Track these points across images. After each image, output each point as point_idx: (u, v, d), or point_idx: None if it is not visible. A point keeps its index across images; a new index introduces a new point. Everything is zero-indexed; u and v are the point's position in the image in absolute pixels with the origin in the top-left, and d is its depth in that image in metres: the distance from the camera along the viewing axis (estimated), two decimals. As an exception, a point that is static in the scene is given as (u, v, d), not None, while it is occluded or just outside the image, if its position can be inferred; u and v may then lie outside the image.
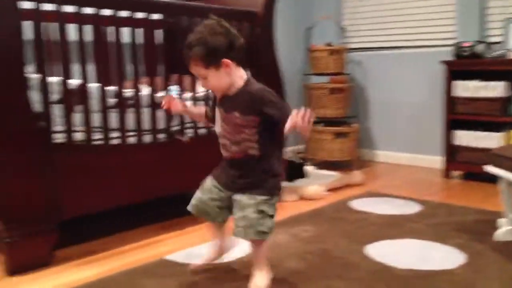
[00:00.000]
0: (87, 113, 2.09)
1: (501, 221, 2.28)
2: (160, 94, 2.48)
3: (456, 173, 3.65)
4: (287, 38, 4.26)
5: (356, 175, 3.40)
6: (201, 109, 1.92)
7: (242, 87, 1.66)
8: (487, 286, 1.75)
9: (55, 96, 2.01)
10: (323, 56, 3.96)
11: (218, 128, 1.74)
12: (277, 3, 2.86)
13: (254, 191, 1.68)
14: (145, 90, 2.43)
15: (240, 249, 2.08)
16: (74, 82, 2.11)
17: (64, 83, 2.02)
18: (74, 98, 2.07)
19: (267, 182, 1.69)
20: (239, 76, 1.67)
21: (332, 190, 3.18)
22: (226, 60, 1.61)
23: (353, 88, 4.19)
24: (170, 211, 2.71)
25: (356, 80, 4.33)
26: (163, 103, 1.83)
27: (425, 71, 3.92)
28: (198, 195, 1.83)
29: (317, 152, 3.91)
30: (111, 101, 2.21)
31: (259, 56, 2.81)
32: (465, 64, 3.46)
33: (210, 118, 1.83)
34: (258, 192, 1.68)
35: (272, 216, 1.70)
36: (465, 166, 3.50)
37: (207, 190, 1.80)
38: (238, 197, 1.71)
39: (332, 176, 3.38)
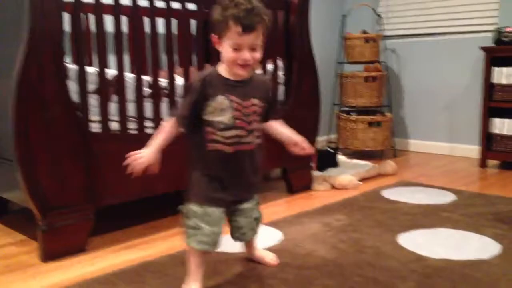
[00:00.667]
0: (122, 103, 2.14)
1: (540, 211, 2.22)
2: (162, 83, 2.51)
3: (493, 162, 3.56)
4: (322, 26, 4.23)
5: (389, 165, 3.36)
6: (166, 133, 1.60)
7: (253, 72, 1.60)
8: (524, 278, 1.72)
9: (92, 86, 2.07)
10: (358, 44, 3.91)
11: (226, 120, 1.53)
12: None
13: (257, 191, 1.73)
14: (179, 80, 2.47)
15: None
16: (111, 72, 2.17)
17: (100, 74, 2.08)
18: (110, 88, 2.13)
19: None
20: None
21: (365, 179, 3.16)
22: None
23: (388, 76, 4.13)
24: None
25: (391, 69, 4.26)
26: (129, 167, 1.58)
27: (462, 58, 3.83)
28: (208, 230, 1.56)
29: (350, 142, 3.88)
30: (146, 91, 2.25)
31: (294, 45, 2.81)
32: (506, 50, 3.36)
33: (181, 122, 1.57)
34: (257, 191, 1.74)
35: None
36: (503, 155, 3.41)
37: (217, 220, 1.58)
38: (244, 205, 1.68)
39: (365, 165, 3.36)
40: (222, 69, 1.55)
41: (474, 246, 2.01)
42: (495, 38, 3.39)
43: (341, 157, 3.54)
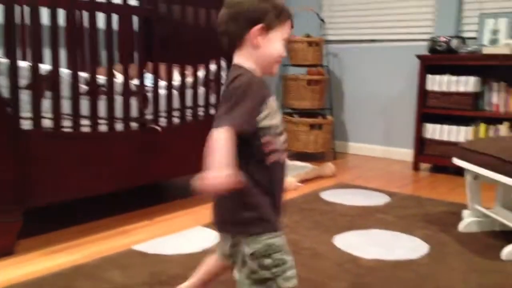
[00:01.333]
0: (57, 99, 2.06)
1: (466, 212, 2.34)
2: (134, 81, 2.47)
3: (425, 165, 3.72)
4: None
5: (328, 167, 3.43)
6: (228, 149, 1.18)
7: None
8: (448, 276, 1.81)
9: (24, 81, 1.98)
10: (302, 48, 3.97)
11: (279, 122, 1.28)
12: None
13: None
14: (118, 78, 2.41)
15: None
16: (45, 67, 2.08)
17: (34, 68, 1.99)
18: (44, 84, 2.04)
19: None
20: None
21: (304, 181, 3.22)
22: None
23: (330, 80, 4.22)
24: (140, 201, 2.71)
25: (333, 73, 4.36)
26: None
27: (401, 65, 3.97)
28: (291, 261, 1.26)
29: (291, 143, 3.93)
30: (83, 87, 2.18)
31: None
32: (439, 58, 3.52)
33: (245, 130, 1.20)
34: None
35: None
36: (434, 159, 3.57)
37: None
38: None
39: (305, 167, 3.41)
40: (253, 70, 1.27)
41: (404, 247, 2.09)
42: (430, 46, 3.55)
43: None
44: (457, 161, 2.29)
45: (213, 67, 2.76)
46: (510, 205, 2.11)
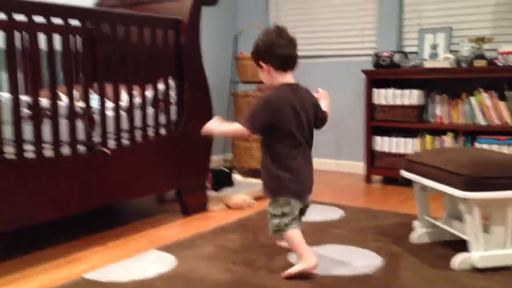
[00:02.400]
0: (-3, 125, 1.97)
1: (416, 223, 2.40)
2: (79, 103, 2.39)
3: (377, 177, 3.80)
4: (215, 46, 4.26)
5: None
6: None
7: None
8: (402, 287, 1.84)
9: (-40, 107, 1.88)
10: (251, 64, 3.97)
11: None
12: (203, 11, 2.85)
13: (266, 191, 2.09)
14: (63, 100, 2.33)
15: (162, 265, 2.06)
16: (-17, 92, 1.98)
17: (-29, 94, 1.89)
18: (-17, 109, 1.95)
19: None
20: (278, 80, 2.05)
21: (259, 198, 3.21)
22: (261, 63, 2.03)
23: (280, 95, 4.25)
24: (91, 226, 2.62)
25: (282, 88, 4.39)
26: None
27: (348, 79, 4.06)
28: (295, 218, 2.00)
29: (245, 160, 3.93)
30: (25, 111, 2.09)
31: (185, 64, 2.79)
32: (384, 73, 3.63)
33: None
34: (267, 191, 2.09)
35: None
36: (385, 171, 3.66)
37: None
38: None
39: (259, 184, 3.41)
40: None
41: (358, 261, 2.11)
42: (374, 61, 3.66)
43: (236, 176, 3.57)
44: (404, 173, 2.35)
45: (161, 86, 2.72)
46: (457, 214, 2.18)
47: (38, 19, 2.13)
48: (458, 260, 2.00)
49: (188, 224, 2.71)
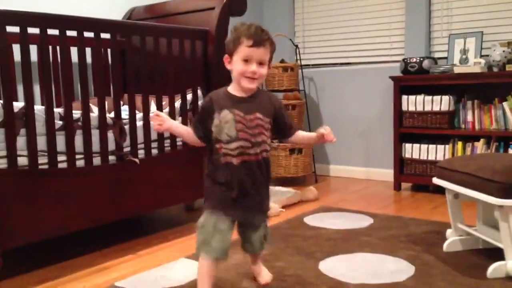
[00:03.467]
0: (32, 136, 2.02)
1: (449, 231, 2.35)
2: (110, 114, 2.44)
3: (406, 185, 3.75)
4: (241, 55, 4.29)
5: (310, 191, 3.43)
6: (186, 127, 1.86)
7: (258, 89, 1.74)
8: (436, 298, 1.80)
9: (-3, 119, 1.94)
10: (277, 73, 4.00)
11: (230, 132, 1.65)
12: (230, 21, 2.88)
13: (266, 204, 1.80)
14: (94, 111, 2.39)
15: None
16: (18, 104, 2.05)
17: (7, 106, 1.95)
18: (18, 121, 2.01)
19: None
20: None
21: (287, 206, 3.20)
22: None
23: (307, 104, 4.25)
24: (122, 235, 2.66)
25: (309, 96, 4.39)
26: (153, 122, 1.73)
27: (376, 86, 4.03)
28: (220, 240, 1.68)
29: (272, 169, 3.92)
30: (58, 123, 2.15)
31: (212, 74, 2.82)
32: (413, 79, 3.58)
33: (197, 132, 1.73)
34: (267, 204, 1.81)
35: None
36: (415, 178, 3.60)
37: (226, 231, 1.69)
38: (253, 219, 1.79)
39: (287, 192, 3.40)
40: (231, 88, 1.72)
41: (390, 269, 2.08)
42: (402, 68, 3.61)
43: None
44: (437, 181, 2.31)
45: (189, 96, 2.75)
46: (492, 222, 2.12)
47: (70, 33, 2.19)
48: (493, 269, 1.95)
49: (217, 233, 2.71)
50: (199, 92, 2.80)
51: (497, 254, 2.00)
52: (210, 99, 1.71)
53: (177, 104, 2.70)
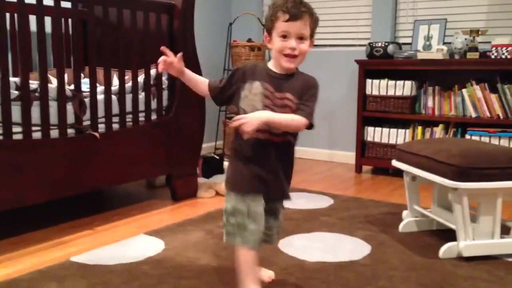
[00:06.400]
0: (-15, 105, 1.95)
1: (405, 213, 2.41)
2: (70, 87, 2.37)
3: (367, 167, 3.81)
4: (209, 32, 4.24)
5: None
6: (200, 77, 1.70)
7: (297, 70, 1.63)
8: (389, 276, 1.84)
9: None
10: (244, 52, 3.97)
11: (257, 105, 1.53)
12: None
13: (288, 190, 1.66)
14: (53, 82, 2.31)
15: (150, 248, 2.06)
16: (-29, 72, 1.96)
17: (-41, 73, 1.87)
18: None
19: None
20: None
21: (250, 185, 3.21)
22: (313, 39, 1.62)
23: (273, 84, 4.23)
24: (80, 210, 2.61)
25: (275, 77, 4.38)
26: (159, 66, 1.62)
27: (342, 69, 4.06)
28: (256, 225, 1.54)
29: (236, 148, 3.92)
30: (14, 93, 2.07)
31: (178, 50, 2.76)
32: (377, 63, 3.62)
33: (213, 90, 1.63)
34: (287, 194, 1.66)
35: None
36: (376, 161, 3.67)
37: (261, 215, 1.56)
38: (276, 205, 1.67)
39: (250, 171, 3.41)
40: (271, 63, 1.60)
41: (347, 248, 2.13)
42: (368, 52, 3.65)
43: (227, 164, 3.56)
44: (395, 163, 2.36)
45: (153, 71, 2.70)
46: (446, 204, 2.19)
47: (29, 0, 2.10)
48: (445, 249, 2.02)
49: (177, 210, 2.70)
50: (163, 67, 2.74)
51: (451, 235, 2.07)
52: (243, 69, 1.59)
53: (140, 78, 2.65)
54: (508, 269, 1.92)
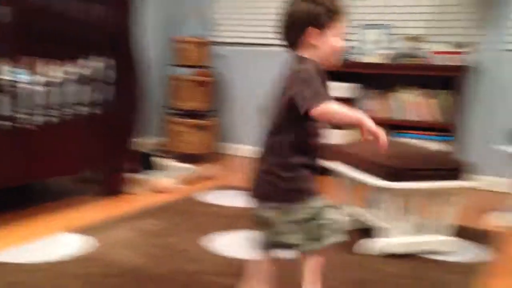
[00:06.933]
0: None
1: (339, 213, 2.44)
2: (5, 77, 2.24)
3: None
4: (154, 27, 4.16)
5: (210, 168, 3.42)
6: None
7: None
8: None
9: None
10: (189, 48, 3.92)
11: None
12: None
13: None
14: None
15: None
16: None
17: None
18: None
19: None
20: None
21: (186, 183, 3.16)
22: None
23: (217, 82, 4.21)
24: (5, 205, 2.48)
25: (221, 74, 4.35)
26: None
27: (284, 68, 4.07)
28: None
29: (177, 144, 3.87)
30: None
31: (117, 42, 2.69)
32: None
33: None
34: None
35: None
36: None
37: None
38: None
39: (188, 169, 3.36)
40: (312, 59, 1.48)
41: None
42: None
43: (166, 160, 3.50)
44: (329, 163, 2.38)
45: (91, 63, 2.60)
46: (375, 203, 2.23)
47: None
48: (373, 246, 2.06)
49: (110, 206, 2.62)
50: (101, 59, 2.65)
51: (375, 233, 2.11)
52: (318, 69, 1.45)
53: (79, 70, 2.54)
54: (428, 266, 1.99)
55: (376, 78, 3.60)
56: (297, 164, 1.44)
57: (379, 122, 3.41)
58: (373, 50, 3.64)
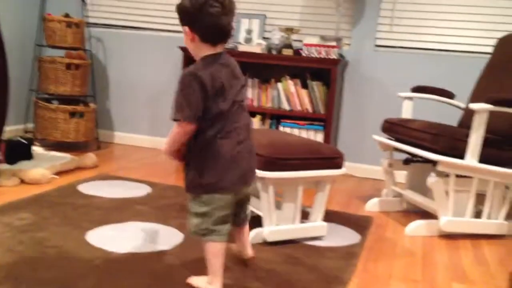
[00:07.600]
0: None
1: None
2: None
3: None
4: (18, 3, 3.81)
5: (89, 157, 3.26)
6: None
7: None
8: (196, 264, 1.87)
9: None
10: (60, 28, 3.66)
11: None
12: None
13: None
14: None
15: None
16: None
17: None
18: None
19: None
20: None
21: (61, 173, 2.98)
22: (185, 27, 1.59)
23: (93, 65, 4.00)
24: None
25: (96, 58, 4.14)
26: None
27: (167, 55, 4.00)
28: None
29: (49, 132, 3.61)
30: None
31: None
32: (200, 52, 3.64)
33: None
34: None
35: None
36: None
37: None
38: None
39: (62, 158, 3.17)
40: None
41: (159, 238, 2.10)
42: (193, 40, 3.65)
43: (36, 149, 3.26)
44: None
45: None
46: (255, 193, 2.30)
47: None
48: (253, 235, 2.12)
49: (-30, 201, 2.38)
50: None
51: (258, 221, 2.18)
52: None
53: None
54: (305, 252, 2.10)
55: (251, 68, 3.68)
56: None
57: (258, 111, 3.56)
58: (249, 39, 3.71)
